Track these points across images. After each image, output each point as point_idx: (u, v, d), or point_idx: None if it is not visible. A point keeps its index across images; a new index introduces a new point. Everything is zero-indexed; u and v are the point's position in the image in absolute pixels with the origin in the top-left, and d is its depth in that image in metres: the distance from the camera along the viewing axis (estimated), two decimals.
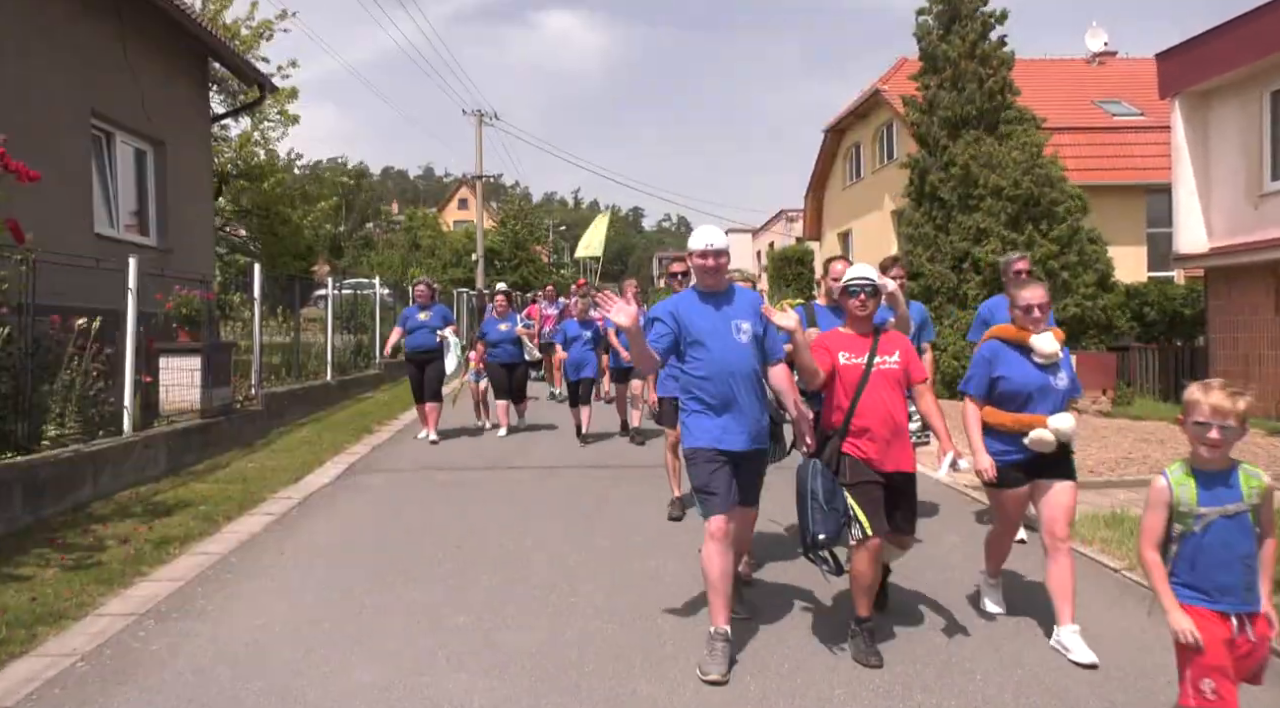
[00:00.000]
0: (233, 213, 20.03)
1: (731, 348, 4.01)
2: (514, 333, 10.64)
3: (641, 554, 5.62)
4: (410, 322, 10.22)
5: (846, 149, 26.86)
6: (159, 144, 11.49)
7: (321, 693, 3.62)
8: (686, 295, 4.23)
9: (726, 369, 3.98)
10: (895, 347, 4.11)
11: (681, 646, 4.10)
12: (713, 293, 4.14)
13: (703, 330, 4.01)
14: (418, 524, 6.49)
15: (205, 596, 4.86)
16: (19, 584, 4.89)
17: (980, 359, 4.30)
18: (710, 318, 4.06)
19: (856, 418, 3.99)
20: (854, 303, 4.09)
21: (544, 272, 42.67)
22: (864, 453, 3.98)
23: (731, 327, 4.05)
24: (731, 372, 3.98)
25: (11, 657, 3.98)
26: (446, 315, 10.38)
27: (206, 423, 8.98)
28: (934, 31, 16.03)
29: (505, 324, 10.63)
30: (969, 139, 15.26)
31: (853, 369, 4.02)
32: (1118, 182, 18.00)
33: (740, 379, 3.99)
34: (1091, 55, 24.09)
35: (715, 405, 3.99)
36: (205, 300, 9.48)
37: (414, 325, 10.16)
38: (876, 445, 3.96)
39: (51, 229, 7.64)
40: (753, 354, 4.08)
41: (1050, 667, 3.87)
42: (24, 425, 6.56)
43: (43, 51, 9.10)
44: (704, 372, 4.00)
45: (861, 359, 4.03)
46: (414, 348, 10.14)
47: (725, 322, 4.05)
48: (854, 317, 4.13)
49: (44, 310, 6.91)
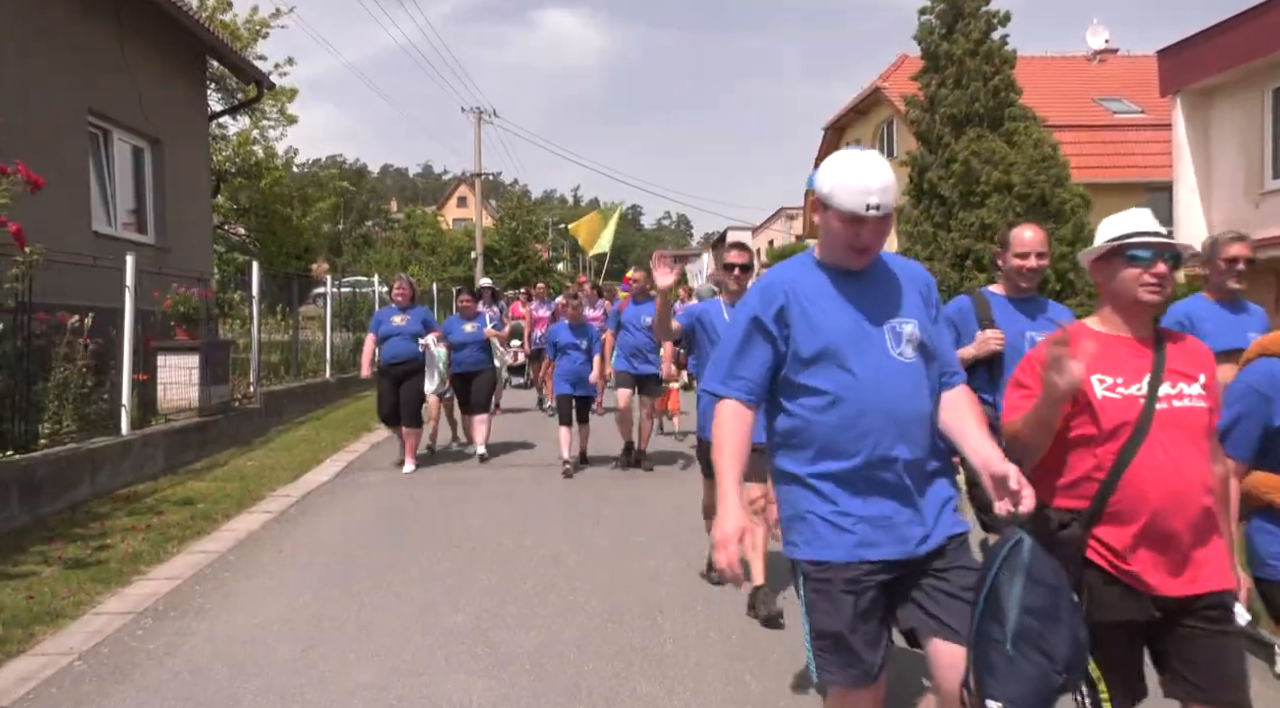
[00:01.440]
0: (231, 211, 20.01)
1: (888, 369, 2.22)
2: (481, 334, 9.11)
3: (641, 554, 5.60)
4: (384, 326, 8.44)
5: (846, 147, 26.86)
6: (156, 142, 11.46)
7: (320, 692, 3.60)
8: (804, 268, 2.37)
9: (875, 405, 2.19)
10: (1198, 365, 2.30)
11: (681, 645, 4.08)
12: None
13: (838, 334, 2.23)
14: (416, 523, 6.47)
15: (203, 594, 4.85)
16: (16, 583, 4.87)
17: (1247, 393, 2.72)
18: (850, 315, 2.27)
19: (1118, 498, 2.18)
20: (1133, 277, 2.23)
21: (543, 270, 42.62)
22: (1128, 565, 2.18)
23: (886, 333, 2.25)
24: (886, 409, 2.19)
25: (9, 656, 3.97)
26: (428, 320, 8.63)
27: (205, 421, 8.96)
28: (936, 30, 16.03)
29: (471, 325, 9.08)
30: (971, 136, 15.25)
31: (1119, 406, 2.21)
32: (1118, 180, 18.00)
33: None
34: (1092, 53, 24.07)
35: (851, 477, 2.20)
36: (203, 298, 9.45)
37: (389, 331, 8.41)
38: (1157, 553, 2.17)
39: (49, 227, 7.61)
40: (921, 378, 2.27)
41: None
42: (21, 424, 6.54)
43: (41, 51, 9.07)
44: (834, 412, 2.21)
45: (1137, 389, 2.22)
46: (390, 358, 8.37)
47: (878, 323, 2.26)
48: (1132, 304, 2.28)
49: (41, 309, 6.89)
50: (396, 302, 8.64)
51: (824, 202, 2.19)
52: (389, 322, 8.48)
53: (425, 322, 8.55)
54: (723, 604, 4.60)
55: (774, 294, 2.28)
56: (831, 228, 2.22)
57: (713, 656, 3.95)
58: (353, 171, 56.94)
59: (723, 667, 3.83)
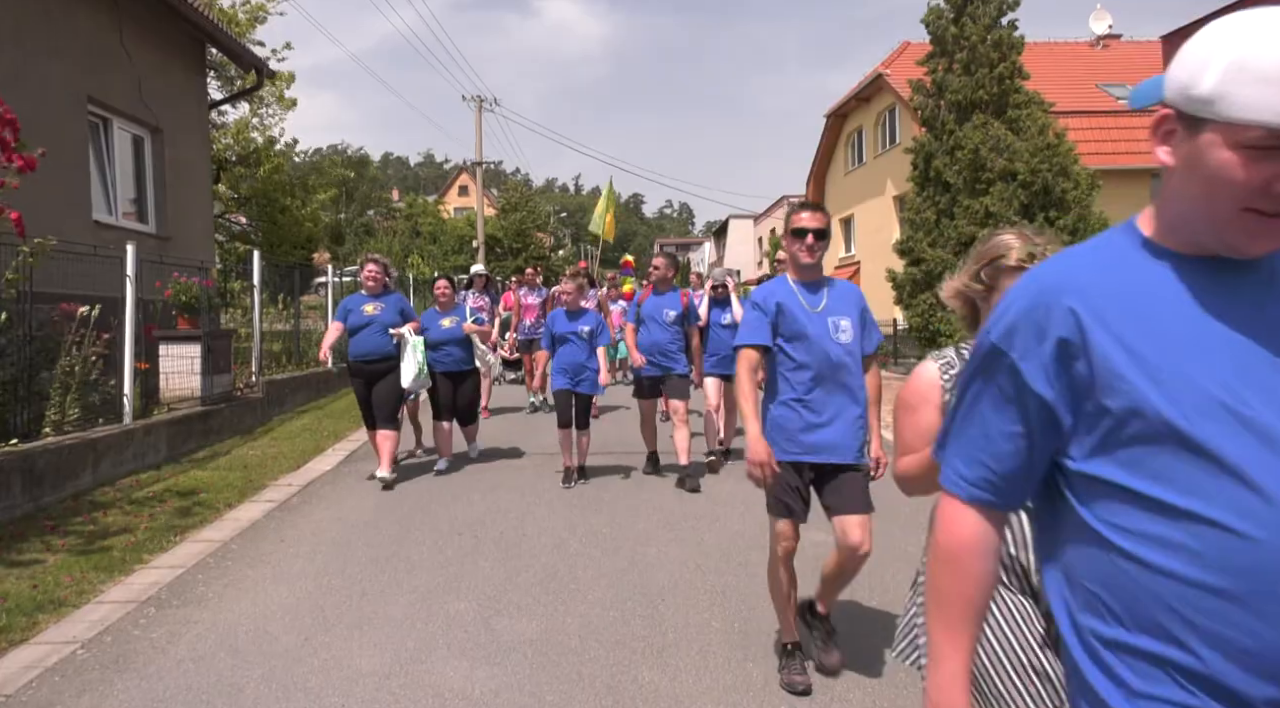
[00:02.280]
0: (231, 201, 19.99)
1: None
2: (460, 330, 7.89)
3: (644, 541, 5.60)
4: (354, 316, 7.28)
5: (848, 134, 26.74)
6: (156, 130, 11.43)
7: (322, 680, 3.61)
8: None
9: None
10: None
11: (683, 633, 4.08)
12: None
13: None
14: (418, 512, 6.47)
15: (206, 583, 4.86)
16: (20, 571, 4.88)
17: None
18: None
19: None
20: None
21: (545, 258, 42.56)
22: None
23: None
24: None
25: (12, 644, 3.98)
26: (406, 309, 7.48)
27: (207, 410, 8.97)
28: (945, 15, 15.95)
29: (450, 319, 7.90)
30: (977, 123, 15.19)
31: None
32: (1122, 166, 17.93)
33: None
34: (1096, 38, 23.95)
35: None
36: (204, 287, 9.44)
37: (359, 321, 7.24)
38: None
39: (49, 216, 7.61)
40: None
41: None
42: (24, 413, 6.55)
43: (39, 38, 9.03)
44: None
45: None
46: (359, 354, 7.24)
47: None
48: None
49: (43, 298, 6.89)
50: (367, 288, 7.36)
51: (1200, 112, 1.08)
52: (359, 311, 7.27)
53: (402, 311, 7.42)
54: (725, 592, 4.61)
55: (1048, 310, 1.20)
56: (1209, 166, 1.08)
57: (715, 644, 3.95)
58: (354, 160, 56.88)
59: (725, 655, 3.83)
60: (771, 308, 3.56)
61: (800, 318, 3.50)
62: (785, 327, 3.53)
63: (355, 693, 3.50)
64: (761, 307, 3.58)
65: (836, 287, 3.65)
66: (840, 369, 3.47)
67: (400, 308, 7.40)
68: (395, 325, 7.26)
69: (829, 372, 3.46)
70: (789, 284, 3.61)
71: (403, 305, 7.46)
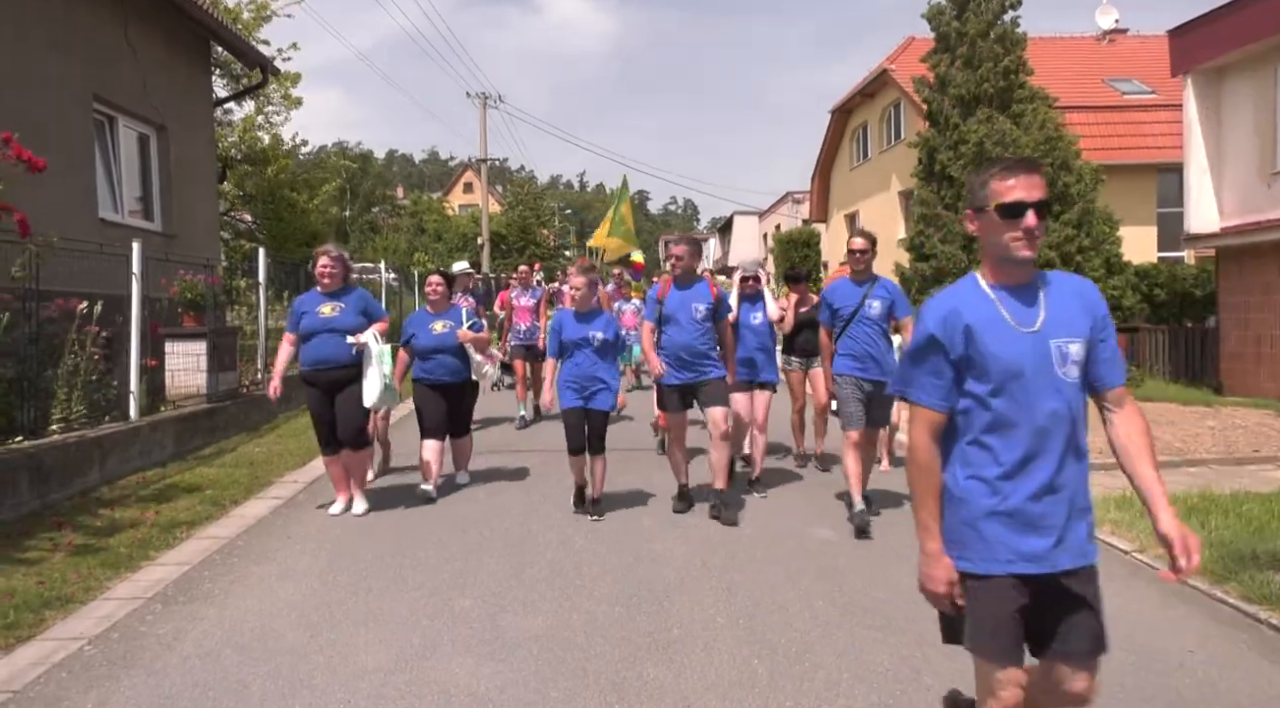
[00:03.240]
0: (237, 198, 20.03)
1: None
2: (454, 337, 6.73)
3: (649, 538, 5.60)
4: (308, 319, 6.06)
5: (853, 130, 26.67)
6: (162, 128, 11.44)
7: (328, 676, 3.61)
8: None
9: None
10: None
11: (689, 629, 4.08)
12: None
13: None
14: (423, 509, 6.47)
15: (212, 580, 4.86)
16: (27, 568, 4.90)
17: None
18: None
19: None
20: None
21: (549, 256, 42.52)
22: None
23: None
24: None
25: (19, 641, 3.99)
26: (369, 307, 6.21)
27: (212, 408, 8.98)
28: (947, 10, 15.91)
29: (443, 323, 6.76)
30: (981, 118, 15.15)
31: None
32: (1128, 161, 17.86)
33: None
34: (1102, 33, 23.82)
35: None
36: (210, 285, 9.46)
37: (314, 325, 6.03)
38: None
39: (56, 214, 7.62)
40: None
41: None
42: (30, 411, 6.57)
43: (44, 36, 9.04)
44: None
45: None
46: (315, 361, 6.02)
47: None
48: None
49: (48, 296, 6.90)
50: (323, 285, 6.12)
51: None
52: (314, 313, 6.05)
53: (366, 311, 6.15)
54: (731, 589, 4.61)
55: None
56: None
57: (721, 640, 3.94)
58: (358, 157, 56.93)
59: (730, 652, 3.82)
60: (957, 338, 2.27)
61: (1005, 345, 2.24)
62: (979, 362, 2.26)
63: (361, 689, 3.50)
64: (939, 337, 2.28)
65: (1056, 285, 2.32)
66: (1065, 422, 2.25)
67: (363, 307, 6.16)
68: (357, 330, 6.03)
69: (1053, 427, 2.24)
70: (982, 290, 2.31)
71: (366, 304, 6.21)
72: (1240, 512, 5.77)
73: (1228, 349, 13.26)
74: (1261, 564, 4.66)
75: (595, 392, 6.01)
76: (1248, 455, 8.23)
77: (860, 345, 5.86)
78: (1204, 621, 4.22)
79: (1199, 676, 3.59)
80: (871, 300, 5.88)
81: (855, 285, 5.96)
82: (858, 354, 5.86)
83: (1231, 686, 3.51)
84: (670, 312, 6.13)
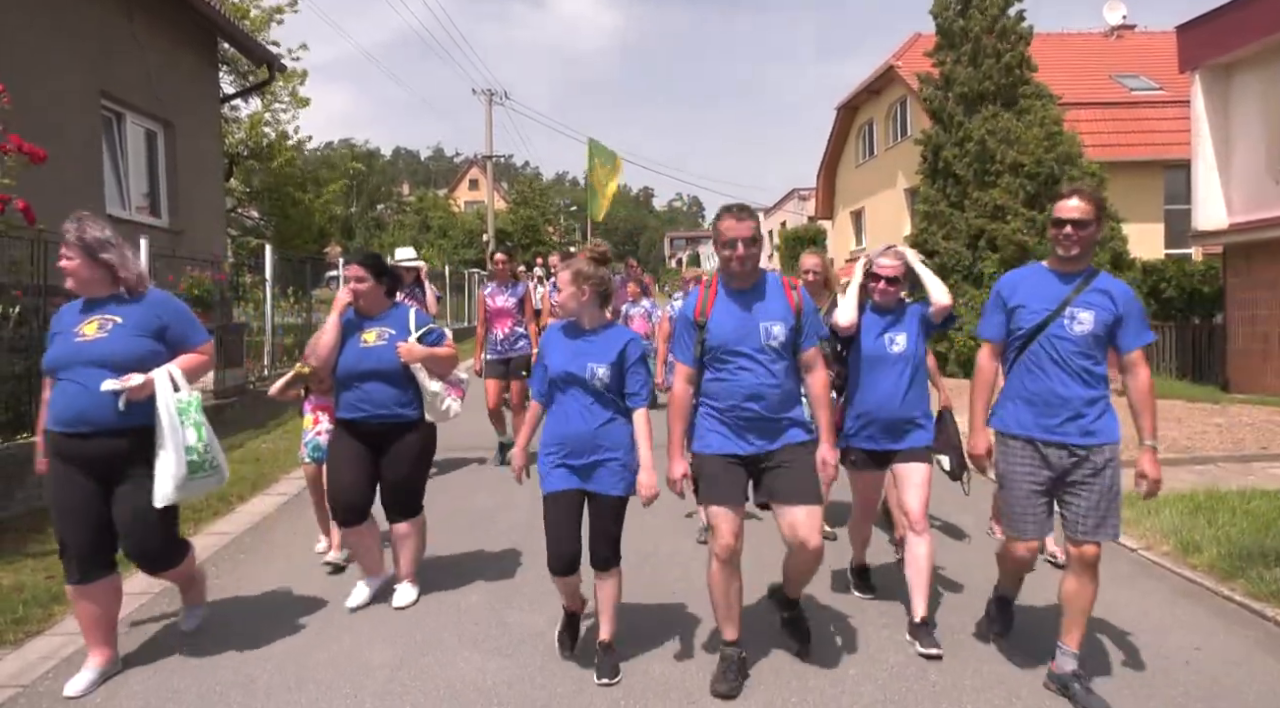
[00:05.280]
0: (244, 195, 20.08)
1: None
2: (394, 357, 4.17)
3: (655, 536, 5.60)
4: (59, 341, 3.63)
5: (859, 127, 26.62)
6: (169, 125, 11.48)
7: (333, 672, 3.63)
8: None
9: None
10: None
11: (694, 627, 4.08)
12: None
13: None
14: (428, 506, 6.44)
15: (218, 575, 4.88)
16: (35, 564, 4.93)
17: None
18: None
19: None
20: None
21: (549, 252, 42.48)
22: None
23: None
24: None
25: (29, 635, 4.02)
26: (167, 321, 3.66)
27: (219, 404, 9.01)
28: (952, 7, 15.85)
29: (375, 330, 4.26)
30: (986, 115, 15.09)
31: None
32: (1135, 157, 17.78)
33: None
34: (1110, 29, 23.72)
35: None
36: (217, 281, 9.48)
37: (64, 356, 3.56)
38: None
39: (62, 209, 7.61)
40: None
41: None
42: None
43: (53, 33, 9.07)
44: None
45: None
46: (66, 420, 3.56)
47: None
48: None
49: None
50: (72, 285, 3.65)
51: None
52: (69, 336, 3.60)
53: (162, 330, 3.64)
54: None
55: None
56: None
57: None
58: (364, 154, 56.97)
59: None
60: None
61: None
62: None
63: (367, 685, 3.52)
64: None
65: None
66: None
67: (156, 324, 3.62)
68: (123, 367, 3.46)
69: None
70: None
71: (162, 318, 3.65)
72: (1247, 509, 5.75)
73: (1235, 346, 13.22)
74: (1268, 561, 4.65)
75: (597, 465, 3.59)
76: (1255, 453, 8.18)
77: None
78: (1210, 618, 4.21)
79: (1205, 672, 3.59)
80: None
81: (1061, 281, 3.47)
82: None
83: (1237, 683, 3.50)
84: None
